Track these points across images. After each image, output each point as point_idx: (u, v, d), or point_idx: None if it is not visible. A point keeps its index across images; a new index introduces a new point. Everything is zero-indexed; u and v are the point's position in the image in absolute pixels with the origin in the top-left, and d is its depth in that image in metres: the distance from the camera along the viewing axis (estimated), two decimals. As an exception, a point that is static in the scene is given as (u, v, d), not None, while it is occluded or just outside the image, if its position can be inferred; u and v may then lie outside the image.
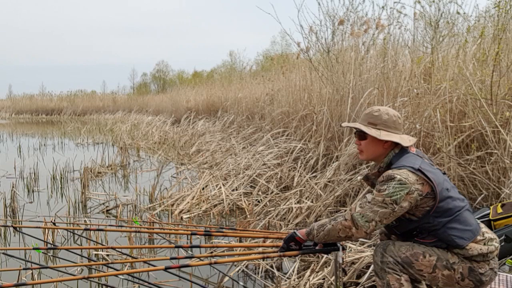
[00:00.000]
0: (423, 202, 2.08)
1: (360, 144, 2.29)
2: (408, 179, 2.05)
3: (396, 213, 2.07)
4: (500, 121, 3.74)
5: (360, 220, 2.11)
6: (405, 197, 2.04)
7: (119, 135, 15.83)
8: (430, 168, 2.14)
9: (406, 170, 2.08)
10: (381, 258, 2.15)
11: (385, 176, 2.10)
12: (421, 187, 2.06)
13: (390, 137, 2.18)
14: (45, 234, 4.45)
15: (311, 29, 6.43)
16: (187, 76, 44.18)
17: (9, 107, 41.72)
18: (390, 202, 2.05)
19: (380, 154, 2.25)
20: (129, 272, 2.72)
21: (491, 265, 2.11)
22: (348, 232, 2.16)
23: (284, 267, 3.67)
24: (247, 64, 27.41)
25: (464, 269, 2.08)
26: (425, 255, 2.11)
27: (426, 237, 2.14)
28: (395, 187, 2.04)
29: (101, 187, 7.23)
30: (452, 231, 2.08)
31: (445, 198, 2.10)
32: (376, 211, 2.08)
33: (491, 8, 4.56)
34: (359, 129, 2.26)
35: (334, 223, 2.21)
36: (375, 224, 2.09)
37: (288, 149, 6.71)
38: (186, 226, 4.69)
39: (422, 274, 2.12)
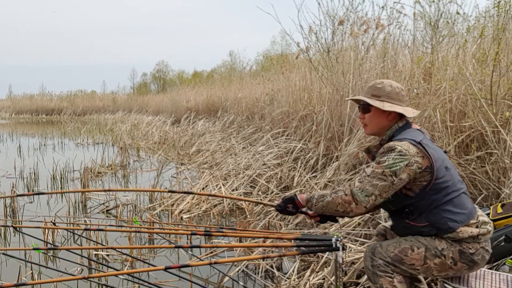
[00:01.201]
0: (421, 176, 2.07)
1: (364, 117, 2.28)
2: (408, 150, 2.04)
3: (395, 185, 2.06)
4: (500, 121, 3.74)
5: (360, 195, 2.08)
6: (404, 169, 2.03)
7: (119, 135, 15.84)
8: (431, 145, 2.14)
9: (407, 142, 2.07)
10: (371, 262, 2.14)
11: (385, 147, 2.10)
12: (421, 160, 2.05)
13: (393, 108, 2.18)
14: (45, 234, 4.46)
15: (311, 29, 6.43)
16: (187, 76, 44.20)
17: (9, 107, 41.72)
18: (390, 174, 2.04)
19: (384, 126, 2.23)
20: (129, 272, 2.72)
21: (482, 245, 2.10)
22: (347, 207, 2.12)
23: (284, 267, 3.68)
24: (247, 64, 27.45)
25: (455, 253, 2.08)
26: (413, 248, 2.10)
27: (417, 218, 2.11)
28: (395, 158, 2.03)
29: (101, 187, 7.23)
30: (446, 213, 2.07)
31: (443, 176, 2.09)
32: (376, 185, 2.06)
33: (491, 8, 4.56)
34: (363, 101, 2.26)
35: (334, 196, 2.16)
36: (375, 198, 2.07)
37: (288, 149, 6.71)
38: (186, 226, 4.68)
39: (415, 268, 2.11)
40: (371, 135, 2.34)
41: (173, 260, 4.08)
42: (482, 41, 4.24)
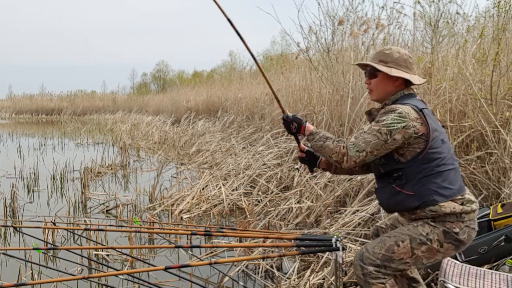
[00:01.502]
0: (416, 142, 2.07)
1: (370, 83, 2.28)
2: (408, 114, 2.05)
3: (388, 145, 2.06)
4: (500, 121, 3.74)
5: (352, 149, 2.08)
6: (400, 130, 2.03)
7: (119, 135, 15.84)
8: (432, 116, 2.15)
9: (409, 106, 2.08)
10: (362, 270, 2.12)
11: (387, 108, 2.11)
12: (419, 126, 2.06)
13: (400, 74, 2.17)
14: (45, 234, 4.46)
15: (311, 29, 6.44)
16: (187, 76, 44.15)
17: (9, 107, 41.72)
18: (385, 132, 2.04)
19: (389, 92, 2.23)
20: (129, 272, 2.72)
21: (467, 223, 2.08)
22: (340, 159, 2.12)
23: (284, 267, 3.68)
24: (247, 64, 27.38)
25: (439, 235, 2.07)
26: (398, 243, 2.10)
27: (404, 185, 2.10)
28: (394, 118, 2.04)
29: (101, 187, 7.24)
30: (433, 185, 2.06)
31: (438, 147, 2.09)
32: (369, 142, 2.06)
33: (491, 8, 4.56)
34: (370, 66, 2.25)
35: (335, 145, 2.15)
36: (365, 154, 2.07)
37: (288, 149, 6.71)
38: (186, 226, 4.69)
39: (404, 262, 2.10)
40: (376, 101, 2.31)
41: (173, 260, 4.08)
42: (482, 41, 4.24)
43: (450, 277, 2.35)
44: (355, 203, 4.21)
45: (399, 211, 2.23)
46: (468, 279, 2.36)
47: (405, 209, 2.14)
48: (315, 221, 4.38)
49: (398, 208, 2.19)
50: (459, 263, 2.56)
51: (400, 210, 2.19)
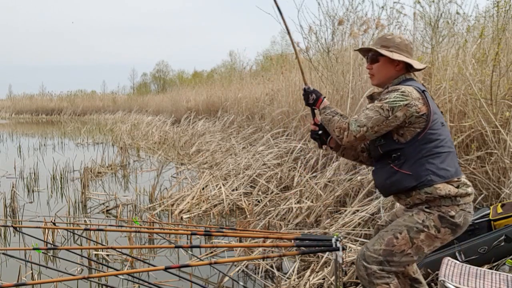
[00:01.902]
0: (416, 122, 2.09)
1: (372, 68, 2.29)
2: (411, 93, 2.08)
3: (389, 121, 2.07)
4: (500, 121, 3.74)
5: (353, 124, 2.11)
6: (402, 108, 2.05)
7: (119, 135, 15.84)
8: (432, 101, 2.17)
9: (413, 87, 2.11)
10: (365, 270, 2.12)
11: (390, 88, 2.14)
12: (421, 105, 2.08)
13: (401, 58, 2.20)
14: (45, 234, 4.46)
15: (310, 29, 6.44)
16: (187, 76, 44.18)
17: (9, 107, 41.71)
18: (387, 109, 2.06)
19: (391, 77, 2.25)
20: (129, 272, 2.72)
21: (462, 207, 2.09)
22: (341, 134, 2.15)
23: (284, 267, 3.68)
24: (247, 64, 27.47)
25: (435, 220, 2.08)
26: (396, 235, 2.11)
27: (402, 165, 2.11)
28: (396, 97, 2.07)
29: (101, 187, 7.24)
30: (430, 166, 2.07)
31: (437, 129, 2.11)
32: (370, 117, 2.08)
33: (491, 8, 4.56)
34: (373, 50, 2.26)
35: (340, 120, 2.17)
36: (366, 130, 2.09)
37: (288, 149, 6.71)
38: (186, 226, 4.69)
39: (406, 253, 2.10)
40: (377, 85, 2.32)
41: (173, 260, 4.09)
42: (482, 41, 4.24)
43: (450, 277, 2.35)
44: (355, 203, 4.21)
45: (395, 193, 2.22)
46: (468, 279, 2.36)
47: (402, 189, 2.14)
48: (315, 221, 4.38)
49: (394, 189, 2.19)
50: (459, 263, 2.56)
51: (396, 191, 2.19)
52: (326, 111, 2.26)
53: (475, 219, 3.07)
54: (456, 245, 2.89)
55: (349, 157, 2.49)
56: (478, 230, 3.01)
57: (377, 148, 2.22)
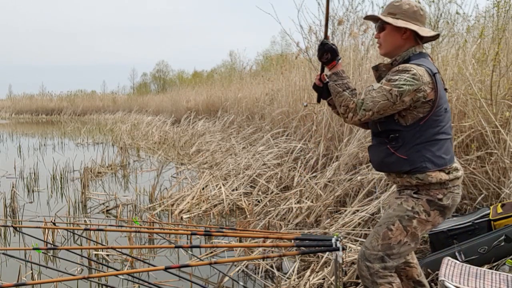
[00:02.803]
0: (421, 107, 2.05)
1: (379, 37, 2.24)
2: (422, 77, 2.01)
3: (396, 106, 2.03)
4: (500, 121, 3.74)
5: (360, 108, 2.06)
6: (411, 93, 2.00)
7: (119, 135, 15.84)
8: (441, 84, 2.12)
9: (424, 69, 2.04)
10: (368, 270, 2.12)
11: (401, 67, 2.06)
12: (429, 91, 2.03)
13: (406, 25, 2.13)
14: (45, 234, 4.46)
15: (310, 29, 6.44)
16: (187, 76, 44.17)
17: (9, 107, 41.69)
18: (396, 94, 2.01)
19: (398, 46, 2.18)
20: (129, 272, 2.72)
21: (450, 190, 2.09)
22: (346, 113, 2.11)
23: (284, 267, 3.67)
24: (247, 64, 27.46)
25: (424, 205, 2.08)
26: (390, 227, 2.11)
27: (399, 148, 2.09)
28: (407, 80, 2.00)
29: (101, 187, 7.24)
30: (427, 153, 2.06)
31: (440, 116, 2.08)
32: (377, 102, 2.03)
33: (491, 8, 4.56)
34: (377, 17, 2.22)
35: (349, 97, 2.10)
36: (372, 114, 2.05)
37: (288, 149, 6.71)
38: (186, 226, 4.69)
39: (404, 242, 2.11)
40: (385, 55, 2.26)
41: (173, 260, 4.08)
42: (482, 41, 4.24)
43: (450, 277, 2.35)
44: (355, 203, 4.21)
45: (387, 172, 2.22)
46: (468, 279, 2.36)
47: (395, 172, 2.14)
48: (315, 221, 4.38)
49: (387, 169, 2.19)
50: (459, 263, 2.56)
51: (389, 171, 2.19)
52: (337, 81, 2.15)
53: (475, 219, 3.08)
54: (456, 245, 2.89)
55: None
56: (478, 230, 3.02)
57: (376, 125, 2.19)
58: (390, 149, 2.11)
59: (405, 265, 2.37)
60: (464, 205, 3.80)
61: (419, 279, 2.39)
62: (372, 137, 2.28)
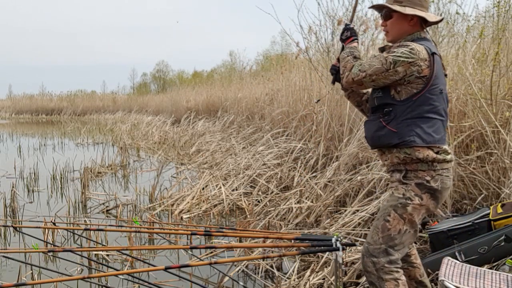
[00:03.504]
0: (415, 82, 2.10)
1: (386, 25, 2.30)
2: (420, 52, 2.07)
3: (388, 74, 2.09)
4: (500, 121, 3.74)
5: (356, 68, 2.16)
6: (405, 64, 2.06)
7: (119, 135, 15.84)
8: (440, 67, 2.17)
9: (424, 47, 2.11)
10: (374, 266, 2.13)
11: (402, 43, 2.15)
12: (424, 67, 2.08)
13: (414, 12, 2.19)
14: (45, 234, 4.46)
15: (310, 29, 6.43)
16: (187, 76, 44.16)
17: (9, 107, 41.70)
18: (390, 62, 2.08)
19: (405, 32, 2.24)
20: (129, 272, 2.72)
21: (439, 172, 2.12)
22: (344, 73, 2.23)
23: (284, 267, 3.67)
24: (247, 64, 27.46)
25: (415, 190, 2.11)
26: (387, 219, 2.14)
27: (391, 122, 2.14)
28: (404, 52, 2.07)
29: (101, 187, 7.24)
30: (417, 128, 2.10)
31: (434, 95, 2.12)
32: (372, 65, 2.11)
33: (491, 8, 4.56)
34: (384, 6, 2.26)
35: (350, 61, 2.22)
36: (365, 75, 2.13)
37: (288, 149, 6.71)
38: (186, 226, 4.69)
39: (404, 231, 2.12)
40: (391, 42, 2.31)
41: (173, 260, 4.08)
42: (482, 41, 4.24)
43: (450, 277, 2.35)
44: (355, 203, 4.21)
45: (379, 147, 2.26)
46: (468, 279, 2.36)
47: (385, 145, 2.18)
48: (315, 221, 4.38)
49: (378, 143, 2.23)
50: (459, 263, 2.56)
51: (381, 145, 2.23)
52: (346, 50, 2.29)
53: (475, 219, 3.08)
54: (456, 245, 2.89)
55: (353, 102, 2.52)
56: (478, 230, 3.02)
57: (374, 100, 2.26)
58: (382, 122, 2.17)
59: (408, 265, 2.38)
60: (464, 205, 3.80)
61: (421, 280, 2.39)
62: (369, 114, 2.34)
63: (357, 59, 2.22)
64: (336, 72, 2.40)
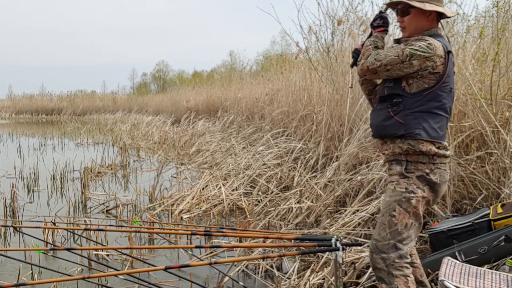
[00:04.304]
0: (427, 77, 2.11)
1: (403, 21, 2.29)
2: (437, 49, 2.09)
3: (403, 66, 2.10)
4: (500, 121, 3.74)
5: (372, 56, 2.17)
6: (421, 59, 2.08)
7: (119, 135, 15.83)
8: (452, 65, 2.19)
9: (441, 44, 2.12)
10: (384, 262, 2.13)
11: (420, 37, 2.15)
12: (439, 64, 2.09)
13: (434, 8, 2.19)
14: (45, 234, 4.46)
15: (310, 29, 6.43)
16: (187, 76, 44.17)
17: (9, 107, 41.69)
18: (406, 54, 2.08)
19: (423, 28, 2.24)
20: (129, 272, 2.72)
21: (437, 166, 2.15)
22: (360, 60, 2.24)
23: (284, 267, 3.67)
24: (247, 64, 27.47)
25: (416, 183, 2.14)
26: (392, 214, 2.15)
27: (399, 113, 2.15)
28: (421, 46, 2.08)
29: (101, 187, 7.24)
30: (423, 122, 2.12)
31: (444, 93, 2.14)
32: (388, 56, 2.12)
33: (491, 8, 4.56)
34: (403, 3, 2.25)
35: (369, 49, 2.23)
36: (379, 65, 2.14)
37: (288, 149, 6.71)
38: (186, 226, 4.69)
39: (410, 224, 2.14)
40: (408, 37, 2.29)
41: (173, 260, 4.08)
42: (481, 41, 4.24)
43: (450, 277, 2.35)
44: (355, 203, 4.21)
45: (383, 137, 2.27)
46: (468, 279, 2.36)
47: (390, 135, 2.20)
48: (315, 221, 4.38)
49: (383, 133, 2.25)
50: (459, 263, 2.56)
51: (385, 135, 2.24)
52: (371, 39, 2.30)
53: (475, 219, 3.08)
54: (456, 245, 2.89)
55: (365, 90, 2.52)
56: (478, 230, 3.02)
57: (384, 89, 2.26)
58: (390, 112, 2.18)
59: (409, 265, 2.38)
60: (464, 205, 3.80)
61: (421, 280, 2.40)
62: (377, 103, 2.35)
63: (378, 48, 2.23)
64: (357, 56, 2.38)
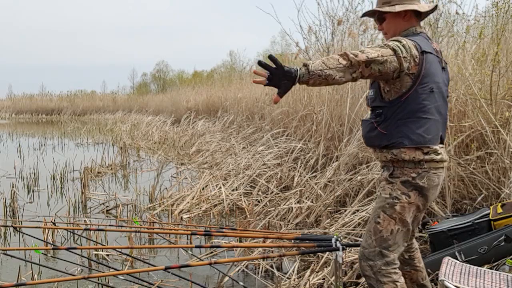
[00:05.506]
0: (403, 80, 2.04)
1: (382, 28, 2.28)
2: (410, 49, 2.01)
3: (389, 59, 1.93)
4: (500, 121, 3.74)
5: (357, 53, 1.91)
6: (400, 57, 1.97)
7: (119, 135, 15.84)
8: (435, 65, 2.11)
9: (414, 44, 2.04)
10: (371, 269, 2.12)
11: (395, 38, 2.09)
12: (413, 64, 2.01)
13: (405, 7, 2.17)
14: (45, 234, 4.46)
15: (310, 29, 6.44)
16: (187, 76, 44.11)
17: (9, 107, 41.71)
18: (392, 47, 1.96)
19: (402, 28, 2.21)
20: (129, 272, 2.72)
21: (425, 169, 2.08)
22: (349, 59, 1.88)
23: (284, 267, 3.68)
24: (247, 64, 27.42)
25: (401, 188, 2.09)
26: (377, 220, 2.13)
27: (381, 123, 2.12)
28: (398, 46, 2.00)
29: (101, 187, 7.24)
30: (406, 129, 2.07)
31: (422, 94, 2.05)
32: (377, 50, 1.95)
33: (491, 8, 4.56)
34: (374, 11, 2.25)
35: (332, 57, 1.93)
36: (377, 56, 1.91)
37: (288, 149, 6.71)
38: (186, 226, 4.69)
39: (396, 230, 2.11)
40: None
41: (173, 260, 4.09)
42: (481, 41, 4.24)
43: (450, 277, 2.35)
44: (355, 203, 4.22)
45: (372, 147, 2.28)
46: (468, 279, 2.36)
47: (375, 146, 2.20)
48: (315, 221, 4.38)
49: (370, 143, 2.25)
50: (459, 263, 2.56)
51: (372, 145, 2.24)
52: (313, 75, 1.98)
53: (475, 219, 3.08)
54: (456, 245, 2.90)
55: None
56: (478, 230, 3.02)
57: (367, 99, 2.27)
58: (374, 123, 2.17)
59: (411, 268, 2.38)
60: (464, 205, 3.81)
61: (423, 283, 2.39)
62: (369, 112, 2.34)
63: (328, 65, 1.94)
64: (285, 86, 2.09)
